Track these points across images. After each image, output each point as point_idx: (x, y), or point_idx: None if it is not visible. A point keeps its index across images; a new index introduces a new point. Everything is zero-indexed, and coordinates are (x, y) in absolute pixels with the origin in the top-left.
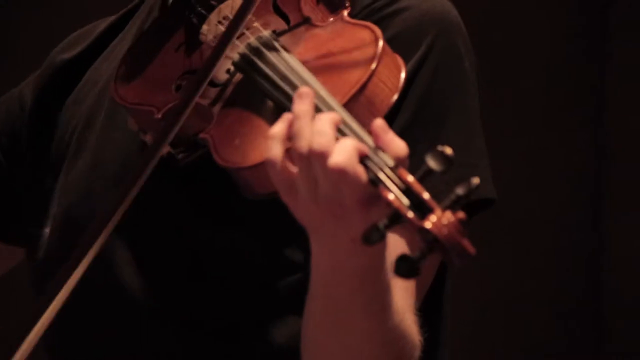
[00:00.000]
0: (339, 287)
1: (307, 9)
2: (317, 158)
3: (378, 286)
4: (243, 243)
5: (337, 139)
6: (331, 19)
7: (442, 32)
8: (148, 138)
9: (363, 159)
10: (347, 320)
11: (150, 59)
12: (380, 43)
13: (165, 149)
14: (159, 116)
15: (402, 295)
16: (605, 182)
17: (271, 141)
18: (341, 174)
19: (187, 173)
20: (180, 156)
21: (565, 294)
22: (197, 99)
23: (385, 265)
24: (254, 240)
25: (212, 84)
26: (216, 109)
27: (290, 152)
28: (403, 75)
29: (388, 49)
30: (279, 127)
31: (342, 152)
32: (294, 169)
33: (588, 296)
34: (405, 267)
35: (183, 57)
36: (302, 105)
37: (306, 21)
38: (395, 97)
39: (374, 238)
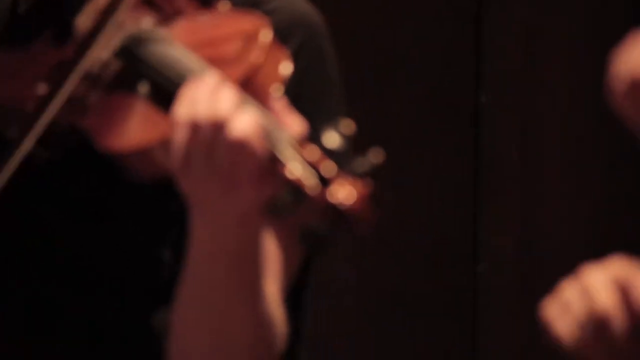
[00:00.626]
0: (216, 265)
1: (181, 2)
2: (214, 127)
3: (254, 269)
4: (113, 239)
5: (237, 107)
6: (208, 10)
7: (309, 35)
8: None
9: (263, 133)
10: (221, 304)
11: (15, 57)
12: (268, 30)
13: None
14: (31, 109)
15: (271, 283)
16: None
17: (179, 103)
18: (242, 144)
19: (46, 172)
20: (44, 152)
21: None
22: (68, 90)
23: (261, 248)
24: (123, 236)
25: (86, 74)
26: (92, 99)
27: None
28: (287, 66)
29: (274, 38)
30: (188, 92)
31: (244, 123)
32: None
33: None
34: (311, 240)
35: (53, 51)
36: (204, 77)
37: (181, 13)
38: (281, 86)
39: (274, 209)
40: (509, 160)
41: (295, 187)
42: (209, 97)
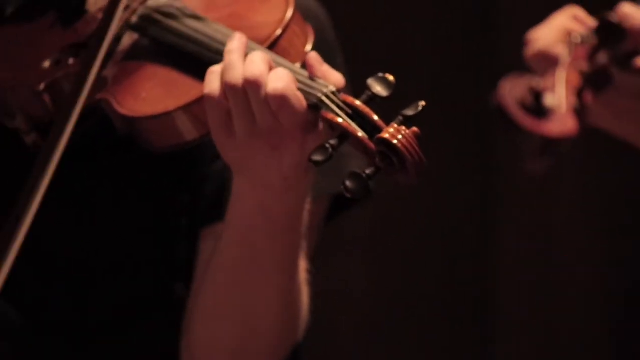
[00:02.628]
0: (259, 232)
1: None
2: (252, 86)
3: (295, 237)
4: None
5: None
6: None
7: (319, 27)
8: (18, 121)
9: (301, 86)
10: (259, 273)
11: (16, 42)
12: (293, 3)
13: None
14: (41, 87)
15: (303, 256)
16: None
17: (210, 76)
18: (281, 99)
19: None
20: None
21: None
22: (99, 64)
23: (304, 216)
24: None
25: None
26: (109, 71)
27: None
28: (311, 42)
29: (297, 12)
30: (217, 66)
31: (280, 78)
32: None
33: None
34: (357, 185)
35: (60, 33)
36: (234, 43)
37: None
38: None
39: (321, 157)
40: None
41: (342, 134)
42: (240, 61)
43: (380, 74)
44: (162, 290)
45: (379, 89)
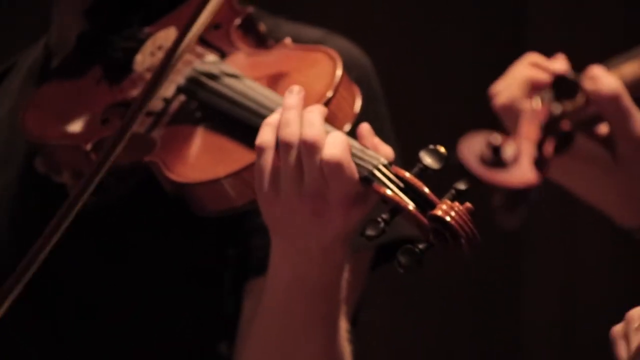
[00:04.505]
0: (296, 298)
1: (238, 42)
2: (308, 148)
3: (334, 303)
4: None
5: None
6: (269, 47)
7: (363, 76)
8: (65, 177)
9: (353, 156)
10: (298, 338)
11: (65, 97)
12: (339, 61)
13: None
14: (88, 148)
15: (344, 317)
16: None
17: (265, 127)
18: (336, 166)
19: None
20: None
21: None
22: (135, 126)
23: (343, 282)
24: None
25: (149, 112)
26: (157, 133)
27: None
28: (359, 102)
29: (345, 73)
30: (274, 116)
31: (337, 145)
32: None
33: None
34: (410, 261)
35: (106, 90)
36: (291, 98)
37: (241, 50)
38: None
39: (373, 232)
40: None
41: (394, 208)
42: (298, 119)
43: (432, 146)
44: (204, 347)
45: (430, 161)
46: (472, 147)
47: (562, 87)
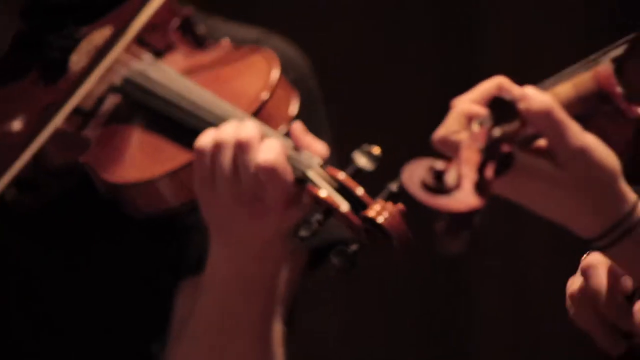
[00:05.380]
0: (234, 296)
1: (176, 43)
2: (242, 146)
3: (272, 302)
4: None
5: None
6: (210, 48)
7: (300, 76)
8: None
9: (288, 158)
10: (234, 336)
11: (2, 97)
12: (276, 63)
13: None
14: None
15: (279, 319)
16: None
17: (206, 132)
18: (271, 171)
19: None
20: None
21: None
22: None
23: (281, 280)
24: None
25: (79, 110)
26: (91, 133)
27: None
28: (295, 104)
29: (282, 75)
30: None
31: (271, 149)
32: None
33: None
34: (342, 261)
35: (43, 91)
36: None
37: (179, 50)
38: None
39: (306, 233)
40: None
41: (327, 209)
42: (232, 123)
43: (366, 146)
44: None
45: (363, 162)
46: (415, 173)
47: (499, 109)
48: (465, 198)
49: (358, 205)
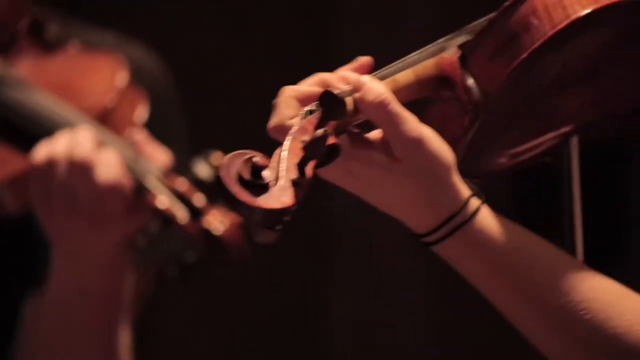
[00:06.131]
0: (75, 307)
1: (24, 46)
2: (75, 166)
3: (115, 313)
4: None
5: (98, 149)
6: (58, 51)
7: (153, 84)
8: None
9: (127, 167)
10: (77, 347)
11: None
12: (123, 68)
13: None
14: None
15: (126, 328)
16: None
17: (40, 146)
18: (110, 186)
19: None
20: None
21: None
22: None
23: (123, 293)
24: None
25: None
26: None
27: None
28: (143, 110)
29: (129, 79)
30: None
31: (110, 166)
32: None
33: None
34: (180, 271)
35: None
36: (68, 118)
37: (26, 54)
38: (133, 128)
39: (143, 242)
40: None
41: (165, 218)
42: (67, 136)
43: (205, 155)
44: None
45: (202, 171)
46: (232, 165)
47: (331, 102)
48: (279, 195)
49: (197, 215)
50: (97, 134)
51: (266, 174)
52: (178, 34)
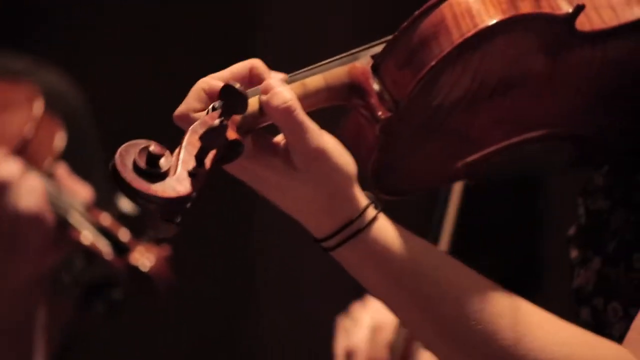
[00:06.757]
0: None
1: None
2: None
3: (28, 346)
4: None
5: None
6: None
7: (68, 111)
8: None
9: (50, 202)
10: None
11: None
12: (38, 97)
13: None
14: None
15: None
16: None
17: None
18: (31, 218)
19: None
20: None
21: None
22: None
23: (37, 324)
24: None
25: None
26: None
27: None
28: (61, 140)
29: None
30: None
31: (32, 194)
32: None
33: None
34: (105, 309)
35: None
36: None
37: None
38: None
39: (67, 278)
40: None
41: (90, 254)
42: None
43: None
44: None
45: (125, 206)
46: (129, 154)
47: (232, 96)
48: (176, 185)
49: (122, 251)
50: (16, 161)
51: (163, 162)
52: (90, 57)
